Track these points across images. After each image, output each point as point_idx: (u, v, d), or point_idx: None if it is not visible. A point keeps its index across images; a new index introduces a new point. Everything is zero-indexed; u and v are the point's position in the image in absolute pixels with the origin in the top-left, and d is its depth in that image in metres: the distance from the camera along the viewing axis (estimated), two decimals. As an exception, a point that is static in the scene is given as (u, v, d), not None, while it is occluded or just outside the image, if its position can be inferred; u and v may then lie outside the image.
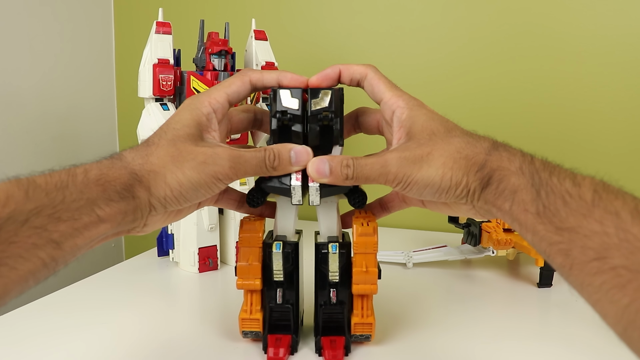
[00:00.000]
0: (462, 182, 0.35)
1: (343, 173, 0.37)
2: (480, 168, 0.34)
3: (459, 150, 0.35)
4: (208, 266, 0.65)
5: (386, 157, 0.37)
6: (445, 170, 0.35)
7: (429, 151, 0.36)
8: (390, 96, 0.40)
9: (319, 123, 0.41)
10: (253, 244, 0.43)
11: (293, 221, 0.44)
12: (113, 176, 0.33)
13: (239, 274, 0.43)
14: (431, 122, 0.38)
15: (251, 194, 0.42)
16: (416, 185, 0.36)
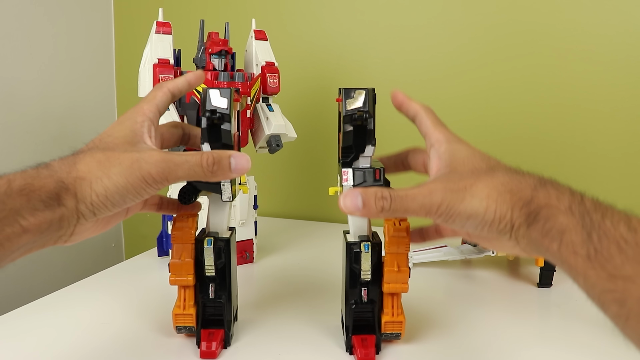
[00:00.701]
0: (506, 216, 0.34)
1: (378, 206, 0.35)
2: (526, 204, 0.33)
3: (503, 183, 0.35)
4: (208, 266, 0.65)
5: (430, 187, 0.35)
6: (489, 203, 0.34)
7: (473, 183, 0.35)
8: (433, 131, 0.41)
9: (354, 123, 0.42)
10: (186, 241, 0.43)
11: (225, 218, 0.45)
12: (38, 185, 0.33)
13: (172, 270, 0.43)
14: (473, 158, 0.38)
15: (183, 191, 0.43)
16: (459, 217, 0.34)
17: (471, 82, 0.84)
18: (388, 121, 0.89)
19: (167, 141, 0.43)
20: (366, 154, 0.45)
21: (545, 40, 0.80)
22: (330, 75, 0.91)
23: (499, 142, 0.84)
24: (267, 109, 0.67)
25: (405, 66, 0.87)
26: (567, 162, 0.82)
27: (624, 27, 0.76)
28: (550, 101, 0.81)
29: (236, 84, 0.61)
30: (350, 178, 0.43)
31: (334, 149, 0.93)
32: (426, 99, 0.86)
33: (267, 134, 0.66)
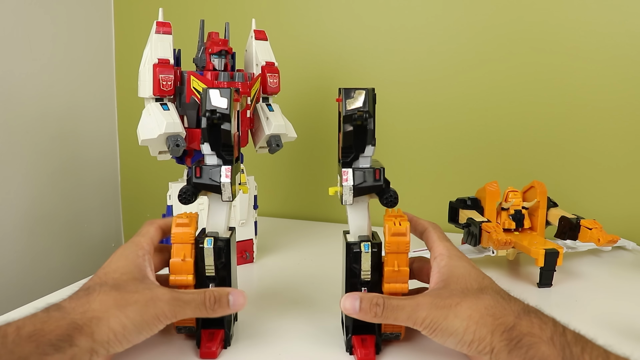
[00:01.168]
0: (485, 338, 0.36)
1: (372, 311, 0.39)
2: (508, 330, 0.35)
3: (487, 307, 0.37)
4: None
5: (418, 301, 0.39)
6: (469, 324, 0.36)
7: (458, 302, 0.38)
8: (437, 245, 0.44)
9: (354, 123, 0.42)
10: (186, 240, 0.44)
11: (225, 218, 0.45)
12: (49, 329, 0.34)
13: (172, 270, 0.44)
14: (467, 277, 0.40)
15: (183, 191, 0.43)
16: (440, 332, 0.37)
17: (471, 82, 0.84)
18: (388, 121, 0.89)
19: (157, 267, 0.45)
20: (366, 154, 0.44)
21: (545, 40, 0.80)
22: (330, 75, 0.91)
23: (499, 142, 0.84)
24: (267, 109, 0.67)
25: (405, 66, 0.87)
26: (567, 162, 0.82)
27: (624, 27, 0.76)
28: (550, 101, 0.81)
29: (236, 84, 0.61)
30: (350, 178, 0.43)
31: (334, 149, 0.93)
32: (426, 98, 0.87)
33: (267, 134, 0.66)
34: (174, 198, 0.65)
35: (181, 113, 0.61)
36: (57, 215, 0.93)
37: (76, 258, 0.97)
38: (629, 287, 0.61)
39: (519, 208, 0.67)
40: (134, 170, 1.07)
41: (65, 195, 0.94)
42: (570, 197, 0.79)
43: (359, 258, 0.43)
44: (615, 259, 0.71)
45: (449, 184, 0.87)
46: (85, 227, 1.00)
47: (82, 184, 0.98)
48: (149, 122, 0.59)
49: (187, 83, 0.60)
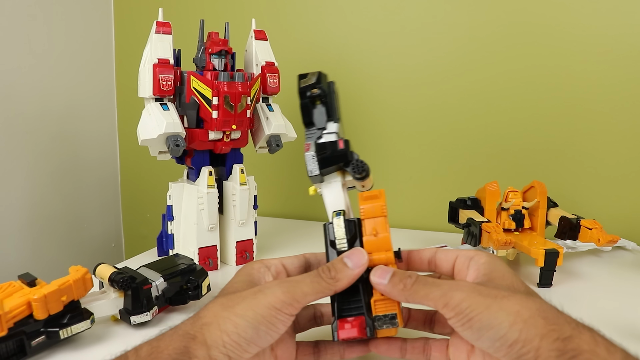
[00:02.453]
0: (532, 341, 0.30)
1: (402, 283, 0.35)
2: (563, 339, 0.30)
3: (540, 308, 0.32)
4: (208, 266, 0.65)
5: (459, 283, 0.34)
6: (517, 319, 0.31)
7: (506, 295, 0.32)
8: (467, 251, 0.39)
9: (307, 97, 0.44)
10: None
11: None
12: (164, 345, 0.32)
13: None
14: (513, 277, 0.36)
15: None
16: (478, 324, 0.31)
17: (471, 83, 0.84)
18: (388, 121, 0.89)
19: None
20: (329, 130, 0.44)
21: (545, 40, 0.79)
22: (331, 76, 0.90)
23: (499, 142, 0.84)
24: (267, 109, 0.67)
25: (405, 66, 0.87)
26: (567, 162, 0.82)
27: (623, 28, 0.76)
28: (550, 101, 0.81)
29: (236, 84, 0.61)
30: (312, 147, 0.42)
31: (334, 149, 0.93)
32: (426, 99, 0.87)
33: (267, 134, 0.66)
34: (174, 198, 0.65)
35: (181, 113, 0.61)
36: (57, 215, 0.93)
37: (76, 258, 0.97)
38: (629, 287, 0.61)
39: (519, 208, 0.67)
40: (134, 170, 1.07)
41: (65, 196, 0.94)
42: (570, 197, 0.79)
43: (333, 229, 0.40)
44: (615, 259, 0.71)
45: (449, 184, 0.87)
46: (85, 227, 1.00)
47: (82, 184, 0.98)
48: (149, 122, 0.59)
49: (187, 83, 0.60)
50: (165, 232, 0.68)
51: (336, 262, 0.38)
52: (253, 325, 0.33)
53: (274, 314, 0.34)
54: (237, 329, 0.33)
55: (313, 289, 0.36)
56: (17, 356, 0.42)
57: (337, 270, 0.37)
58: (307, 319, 0.43)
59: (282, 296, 0.34)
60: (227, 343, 0.33)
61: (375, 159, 0.91)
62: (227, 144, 0.64)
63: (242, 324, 0.33)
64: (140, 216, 1.08)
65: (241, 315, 0.33)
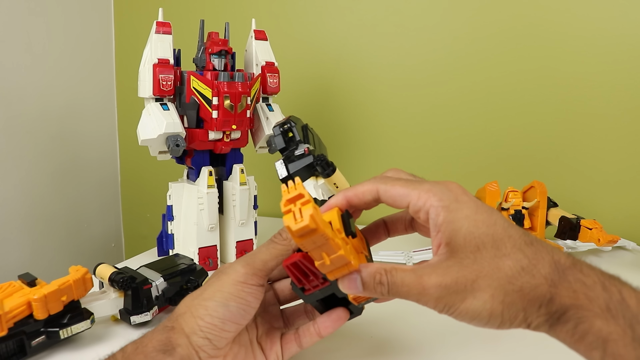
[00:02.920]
0: (517, 316, 0.30)
1: (377, 290, 0.32)
2: (545, 304, 0.29)
3: (510, 279, 0.29)
4: (208, 266, 0.65)
5: (424, 283, 0.31)
6: (494, 305, 0.30)
7: (474, 279, 0.30)
8: (417, 195, 0.33)
9: (280, 130, 0.58)
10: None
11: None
12: (147, 340, 0.34)
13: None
14: (475, 229, 0.31)
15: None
16: (460, 316, 0.31)
17: (471, 83, 0.84)
18: (388, 121, 0.89)
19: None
20: (299, 151, 0.54)
21: (545, 41, 0.79)
22: (330, 75, 0.91)
23: (499, 142, 0.84)
24: (267, 109, 0.67)
25: (405, 66, 0.87)
26: (567, 162, 0.82)
27: (623, 28, 0.76)
28: (550, 101, 0.81)
29: (236, 84, 0.61)
30: (280, 163, 0.51)
31: (333, 149, 0.94)
32: (425, 99, 0.87)
33: (267, 134, 0.66)
34: (174, 198, 0.65)
35: (181, 113, 0.61)
36: (57, 215, 0.93)
37: (76, 258, 0.97)
38: (629, 287, 0.61)
39: (519, 208, 0.67)
40: (134, 171, 1.07)
41: (66, 196, 0.94)
42: (570, 197, 0.79)
43: None
44: (615, 259, 0.71)
45: (449, 184, 0.87)
46: (86, 227, 1.00)
47: (82, 184, 0.98)
48: (149, 122, 0.59)
49: (187, 83, 0.60)
50: (165, 232, 0.68)
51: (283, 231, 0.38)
52: (222, 304, 0.35)
53: (240, 288, 0.35)
54: (208, 311, 0.34)
55: (271, 254, 0.37)
56: (17, 356, 0.42)
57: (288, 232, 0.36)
58: (297, 315, 0.43)
59: (242, 269, 0.36)
60: (202, 327, 0.34)
61: (375, 159, 0.91)
62: (227, 144, 0.64)
63: (211, 305, 0.35)
64: (140, 216, 1.08)
65: (210, 298, 0.35)
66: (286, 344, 0.41)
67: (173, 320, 0.35)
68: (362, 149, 0.91)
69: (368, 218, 0.42)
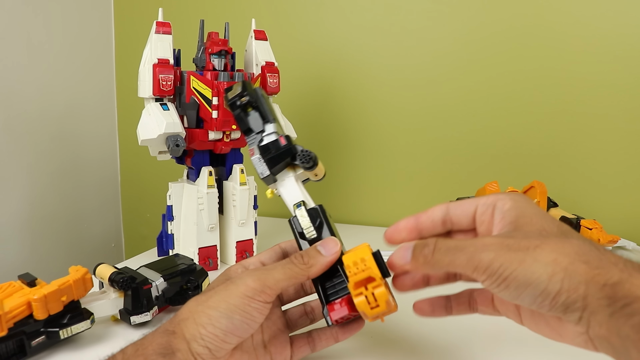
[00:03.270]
0: (577, 289, 0.27)
1: (421, 255, 0.32)
2: (611, 285, 0.26)
3: (578, 252, 0.28)
4: (208, 266, 0.65)
5: (484, 241, 0.30)
6: (555, 270, 0.27)
7: (538, 244, 0.28)
8: (487, 197, 0.34)
9: (238, 108, 0.44)
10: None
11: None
12: (147, 343, 0.34)
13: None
14: (543, 218, 0.31)
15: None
16: (514, 283, 0.28)
17: (471, 82, 0.84)
18: (388, 121, 0.89)
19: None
20: (268, 131, 0.44)
21: (546, 41, 0.79)
22: (330, 76, 0.91)
23: (499, 142, 0.84)
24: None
25: (405, 66, 0.87)
26: (567, 162, 0.82)
27: (622, 28, 0.76)
28: (550, 101, 0.81)
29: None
30: (256, 151, 0.43)
31: (333, 149, 0.93)
32: (426, 99, 0.87)
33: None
34: (174, 198, 0.65)
35: (181, 113, 0.61)
36: (58, 216, 0.93)
37: (76, 258, 0.97)
38: (629, 287, 0.61)
39: (519, 208, 0.67)
40: (134, 171, 1.07)
41: (66, 196, 0.94)
42: (570, 197, 0.79)
43: (298, 221, 0.41)
44: (615, 259, 0.71)
45: (449, 184, 0.87)
46: (86, 227, 1.00)
47: (83, 184, 0.98)
48: (149, 122, 0.59)
49: (187, 83, 0.60)
50: (165, 232, 0.68)
51: (310, 249, 0.38)
52: (227, 315, 0.34)
53: (246, 302, 0.34)
54: (211, 320, 0.34)
55: (285, 274, 0.36)
56: (17, 356, 0.42)
57: (311, 257, 0.37)
58: (297, 315, 0.43)
59: (252, 284, 0.35)
60: (204, 335, 0.34)
61: (375, 158, 0.91)
62: (227, 144, 0.64)
63: (215, 315, 0.34)
64: (140, 216, 1.08)
65: (214, 307, 0.34)
66: (299, 348, 0.41)
67: (175, 324, 0.35)
68: (362, 149, 0.91)
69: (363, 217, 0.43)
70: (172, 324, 0.35)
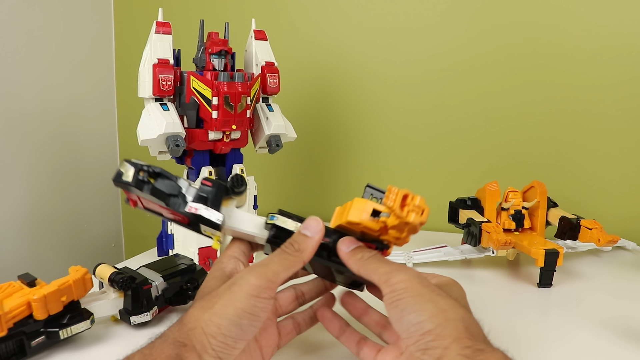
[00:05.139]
0: (444, 339, 0.31)
1: (360, 254, 0.38)
2: (475, 349, 0.31)
3: (467, 320, 0.33)
4: (208, 266, 0.65)
5: (407, 267, 0.36)
6: (439, 315, 0.32)
7: (442, 295, 0.34)
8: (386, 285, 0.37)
9: (147, 183, 0.40)
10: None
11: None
12: (156, 354, 0.32)
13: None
14: (460, 292, 0.38)
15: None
16: (404, 305, 0.33)
17: (471, 82, 0.84)
18: (388, 121, 0.89)
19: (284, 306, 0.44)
20: (184, 186, 0.41)
21: (546, 40, 0.79)
22: (330, 76, 0.91)
23: (499, 142, 0.84)
24: (267, 109, 0.67)
25: (405, 66, 0.87)
26: (567, 162, 0.82)
27: (623, 28, 0.76)
28: (550, 101, 0.81)
29: (236, 84, 0.61)
30: (197, 204, 0.40)
31: (333, 149, 0.94)
32: (426, 99, 0.87)
33: (267, 134, 0.66)
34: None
35: (181, 113, 0.61)
36: (57, 216, 0.93)
37: (76, 258, 0.96)
38: (629, 287, 0.61)
39: (519, 208, 0.67)
40: (134, 171, 1.07)
41: (66, 196, 0.94)
42: (570, 197, 0.79)
43: (282, 233, 0.40)
44: (615, 259, 0.71)
45: (449, 184, 0.87)
46: (86, 227, 1.00)
47: (83, 184, 0.98)
48: (149, 122, 0.59)
49: (187, 83, 0.60)
50: (165, 232, 0.68)
51: (296, 235, 0.38)
52: (235, 322, 0.33)
53: (253, 303, 0.34)
54: (221, 330, 0.33)
55: (283, 265, 0.36)
56: (17, 356, 0.42)
57: (299, 242, 0.38)
58: (288, 301, 0.44)
59: (256, 282, 0.34)
60: (214, 345, 0.33)
61: (375, 158, 0.91)
62: (227, 144, 0.64)
63: (224, 324, 0.33)
64: (140, 216, 1.08)
65: (222, 315, 0.33)
66: (286, 335, 0.42)
67: (184, 335, 0.33)
68: (362, 149, 0.91)
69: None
70: (182, 334, 0.34)
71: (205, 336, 0.33)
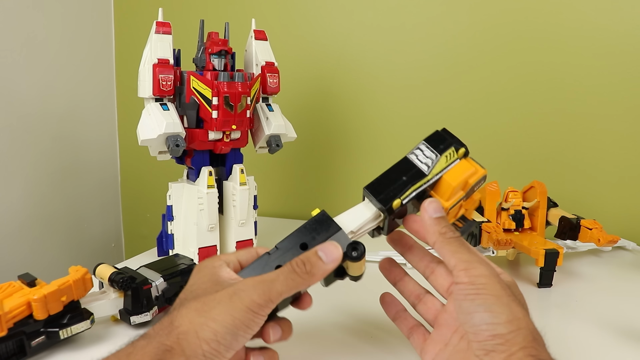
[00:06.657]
0: (512, 346, 0.32)
1: (445, 228, 0.38)
2: (537, 359, 0.31)
3: (536, 333, 0.34)
4: (208, 266, 0.65)
5: (489, 261, 0.37)
6: (514, 322, 0.33)
7: (519, 304, 0.35)
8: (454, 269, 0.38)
9: None
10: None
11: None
12: (139, 355, 0.31)
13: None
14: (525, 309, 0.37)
15: None
16: (480, 302, 0.34)
17: (471, 82, 0.84)
18: (388, 121, 0.89)
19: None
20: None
21: (546, 40, 0.79)
22: (330, 76, 0.91)
23: (499, 142, 0.84)
24: (267, 109, 0.67)
25: (405, 66, 0.87)
26: (567, 162, 0.82)
27: (623, 28, 0.76)
28: (550, 102, 0.81)
29: (236, 84, 0.61)
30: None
31: (333, 149, 0.94)
32: (426, 99, 0.87)
33: (267, 134, 0.66)
34: (173, 198, 0.65)
35: (181, 113, 0.61)
36: (58, 216, 0.93)
37: (76, 258, 0.97)
38: (629, 287, 0.61)
39: (519, 208, 0.67)
40: (134, 171, 1.07)
41: (66, 196, 0.94)
42: (570, 197, 0.79)
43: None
44: (615, 259, 0.71)
45: (449, 184, 0.87)
46: (86, 227, 1.00)
47: (83, 184, 0.98)
48: (149, 122, 0.59)
49: (187, 83, 0.60)
50: (165, 232, 0.68)
51: (310, 255, 0.36)
52: (232, 332, 0.32)
53: (250, 317, 0.33)
54: (216, 337, 0.32)
55: (288, 286, 0.35)
56: (17, 356, 0.42)
57: (312, 265, 0.36)
58: None
59: (258, 299, 0.34)
60: (206, 352, 0.32)
61: (375, 158, 0.91)
62: (227, 144, 0.64)
63: (221, 331, 0.32)
64: (140, 216, 1.08)
65: (219, 322, 0.32)
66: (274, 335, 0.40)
67: (173, 338, 0.32)
68: (362, 149, 0.91)
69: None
70: (170, 337, 0.32)
71: (198, 341, 0.32)
